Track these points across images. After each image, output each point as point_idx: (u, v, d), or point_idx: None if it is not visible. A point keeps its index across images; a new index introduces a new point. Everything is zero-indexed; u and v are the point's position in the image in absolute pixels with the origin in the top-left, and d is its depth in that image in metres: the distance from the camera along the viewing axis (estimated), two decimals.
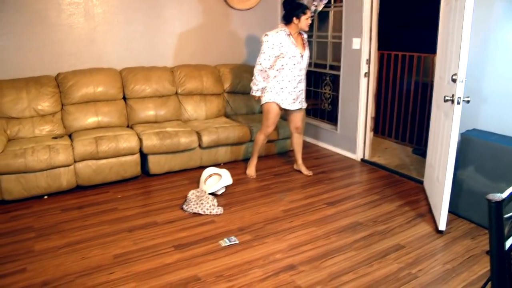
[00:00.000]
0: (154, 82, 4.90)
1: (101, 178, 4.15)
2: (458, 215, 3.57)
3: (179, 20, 5.28)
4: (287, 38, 4.00)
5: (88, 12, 4.72)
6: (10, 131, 4.19)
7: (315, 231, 3.34)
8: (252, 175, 4.46)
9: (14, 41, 4.42)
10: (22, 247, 3.09)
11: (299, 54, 4.06)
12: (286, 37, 4.00)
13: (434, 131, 3.83)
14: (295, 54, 4.03)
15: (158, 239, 3.20)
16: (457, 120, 3.08)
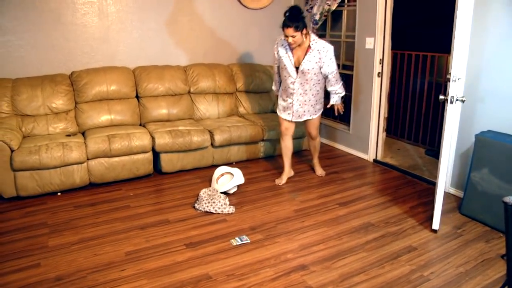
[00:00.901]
0: (167, 81, 4.93)
1: (114, 175, 4.18)
2: (471, 217, 3.53)
3: (192, 19, 5.29)
4: (283, 48, 3.92)
5: (102, 11, 4.76)
6: (25, 128, 4.24)
7: (326, 231, 3.33)
8: (280, 182, 4.29)
9: (30, 40, 4.47)
10: (37, 242, 3.13)
11: (292, 66, 3.89)
12: (283, 47, 3.92)
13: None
14: (286, 66, 3.92)
15: (170, 237, 3.21)
16: (450, 119, 3.06)
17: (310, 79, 3.92)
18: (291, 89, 3.99)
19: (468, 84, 3.71)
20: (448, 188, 4.06)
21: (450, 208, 3.74)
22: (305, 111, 4.09)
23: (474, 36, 3.60)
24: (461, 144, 3.85)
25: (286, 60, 3.91)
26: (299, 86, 3.96)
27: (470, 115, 3.73)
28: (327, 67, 3.89)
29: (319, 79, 3.97)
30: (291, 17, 3.69)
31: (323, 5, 5.16)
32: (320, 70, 3.91)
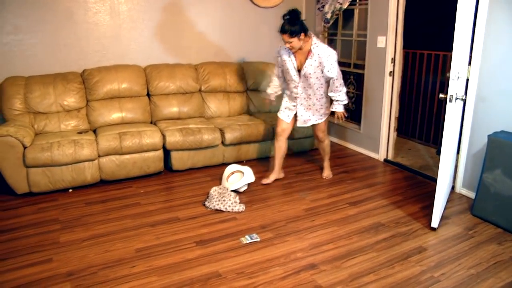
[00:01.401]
0: (178, 79, 4.94)
1: (125, 173, 4.20)
2: (483, 219, 3.50)
3: (203, 17, 5.31)
4: (286, 51, 3.85)
5: (113, 10, 4.79)
6: (37, 126, 4.29)
7: (336, 230, 3.32)
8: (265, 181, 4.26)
9: (43, 38, 4.52)
10: (48, 238, 3.16)
11: (294, 70, 3.86)
12: (285, 51, 3.85)
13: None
14: (289, 70, 3.87)
15: (180, 235, 3.23)
16: (450, 118, 3.06)
17: (313, 84, 3.85)
18: (294, 93, 3.97)
19: (481, 84, 3.68)
20: (459, 189, 4.03)
21: (461, 209, 3.71)
22: (310, 116, 4.05)
23: (488, 36, 3.57)
24: (473, 144, 3.82)
25: (289, 64, 3.86)
26: (303, 91, 3.92)
27: (483, 115, 3.70)
28: (328, 72, 3.76)
29: (322, 83, 3.88)
30: (287, 23, 3.61)
31: (335, 4, 5.14)
32: (322, 75, 3.81)
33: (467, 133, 3.85)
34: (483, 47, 3.61)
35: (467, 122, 3.83)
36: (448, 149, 3.17)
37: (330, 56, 3.73)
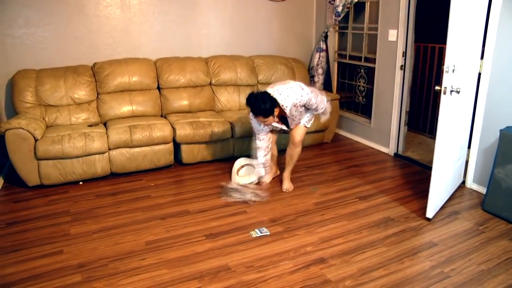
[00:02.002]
0: (189, 73, 4.94)
1: (135, 166, 4.23)
2: (494, 214, 3.46)
3: (214, 11, 5.29)
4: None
5: (124, 3, 4.79)
6: (48, 118, 4.32)
7: (346, 225, 3.31)
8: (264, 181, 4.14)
9: (54, 31, 4.54)
10: (59, 230, 3.20)
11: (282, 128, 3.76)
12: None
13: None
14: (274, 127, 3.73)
15: (190, 228, 3.24)
16: (445, 110, 3.11)
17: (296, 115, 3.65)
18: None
19: (494, 79, 3.63)
20: (470, 184, 3.99)
21: (472, 204, 3.68)
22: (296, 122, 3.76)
23: (501, 31, 3.51)
24: (485, 139, 3.78)
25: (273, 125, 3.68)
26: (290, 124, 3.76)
27: (495, 110, 3.65)
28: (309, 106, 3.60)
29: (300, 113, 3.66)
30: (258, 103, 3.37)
31: None
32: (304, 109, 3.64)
33: (479, 127, 3.81)
34: (496, 40, 3.56)
35: (478, 116, 3.79)
36: (444, 142, 3.21)
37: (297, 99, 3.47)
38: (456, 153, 3.69)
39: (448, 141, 3.32)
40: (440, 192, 3.45)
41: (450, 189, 3.78)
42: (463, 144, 3.86)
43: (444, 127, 3.18)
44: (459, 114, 3.49)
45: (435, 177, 3.29)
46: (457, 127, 3.52)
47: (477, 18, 3.42)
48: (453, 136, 3.46)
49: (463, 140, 3.83)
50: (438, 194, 3.41)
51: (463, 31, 3.14)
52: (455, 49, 3.04)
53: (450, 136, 3.34)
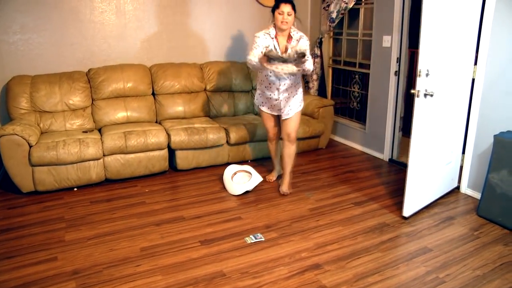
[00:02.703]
0: (183, 79, 4.95)
1: (130, 172, 4.22)
2: (489, 220, 3.48)
3: (209, 17, 5.31)
4: (271, 41, 3.67)
5: (119, 9, 4.80)
6: (43, 124, 4.31)
7: (341, 230, 3.31)
8: (270, 179, 4.29)
9: (50, 37, 4.55)
10: (54, 236, 3.18)
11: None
12: (270, 40, 3.67)
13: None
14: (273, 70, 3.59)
15: (185, 234, 3.23)
16: (418, 113, 3.23)
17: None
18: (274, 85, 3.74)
19: (488, 84, 3.66)
20: (465, 189, 4.01)
21: (467, 209, 3.69)
22: (291, 106, 3.80)
23: (494, 36, 3.54)
24: (479, 144, 3.80)
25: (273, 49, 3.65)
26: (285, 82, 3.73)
27: (489, 115, 3.68)
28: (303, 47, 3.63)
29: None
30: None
31: (340, 3, 5.13)
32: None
33: (473, 133, 3.83)
34: (490, 46, 3.59)
35: (472, 122, 3.81)
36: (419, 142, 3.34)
37: (304, 38, 3.68)
38: (443, 156, 3.75)
39: (424, 142, 3.40)
40: (418, 192, 3.54)
41: (437, 191, 3.83)
42: (454, 148, 3.89)
43: (418, 128, 3.30)
44: (441, 117, 3.56)
45: (410, 176, 3.40)
46: (439, 130, 3.59)
47: (464, 23, 3.50)
48: (433, 138, 3.54)
49: (453, 144, 3.87)
50: (414, 194, 3.49)
51: (439, 36, 3.24)
52: (428, 54, 3.17)
53: (427, 137, 3.42)
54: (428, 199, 3.74)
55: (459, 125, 3.87)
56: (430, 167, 3.61)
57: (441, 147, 3.70)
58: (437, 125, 3.54)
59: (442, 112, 3.55)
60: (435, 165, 3.69)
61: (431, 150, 3.56)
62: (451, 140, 3.82)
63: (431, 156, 3.58)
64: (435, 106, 3.41)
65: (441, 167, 3.79)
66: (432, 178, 3.68)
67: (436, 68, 3.29)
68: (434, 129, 3.50)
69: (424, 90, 3.21)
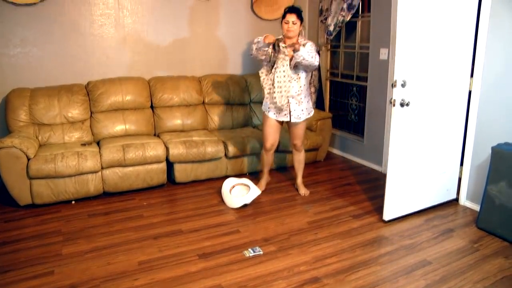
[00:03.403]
0: (182, 91, 4.97)
1: (128, 185, 4.20)
2: (489, 232, 3.46)
3: (207, 30, 5.34)
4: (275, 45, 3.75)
5: (118, 22, 4.83)
6: (41, 137, 4.30)
7: (340, 243, 3.30)
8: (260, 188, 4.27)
9: (50, 50, 4.57)
10: (51, 250, 3.16)
11: (281, 64, 3.74)
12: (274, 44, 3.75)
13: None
14: (276, 65, 3.77)
15: (183, 247, 3.22)
16: (395, 122, 3.41)
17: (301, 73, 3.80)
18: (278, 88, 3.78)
19: (484, 96, 3.68)
20: (464, 201, 4.00)
21: (466, 221, 3.68)
22: (302, 110, 3.89)
23: (490, 48, 3.57)
24: (477, 156, 3.80)
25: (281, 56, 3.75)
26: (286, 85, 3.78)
27: (487, 127, 3.69)
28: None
29: (307, 74, 3.86)
30: (295, 7, 3.78)
31: (337, 16, 5.17)
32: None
33: (471, 144, 3.84)
34: (485, 58, 3.62)
35: (470, 133, 3.82)
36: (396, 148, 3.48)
37: (310, 43, 3.74)
38: (432, 164, 3.82)
39: (404, 149, 3.53)
40: (400, 197, 3.64)
41: (427, 199, 3.90)
42: (448, 159, 3.92)
43: (396, 136, 3.46)
44: (424, 126, 3.64)
45: (389, 181, 3.54)
46: (423, 139, 3.66)
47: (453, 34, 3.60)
48: (416, 146, 3.62)
49: (447, 155, 3.90)
50: (395, 198, 3.61)
51: (416, 47, 3.40)
52: (403, 65, 3.32)
53: (406, 145, 3.53)
54: (416, 206, 3.82)
55: (452, 136, 3.89)
56: (414, 174, 3.70)
57: (429, 155, 3.75)
58: (419, 134, 3.62)
59: (425, 122, 3.63)
60: (422, 173, 3.75)
61: (414, 157, 3.64)
62: (442, 150, 3.85)
63: (414, 164, 3.67)
64: (413, 115, 3.50)
65: (432, 176, 3.83)
66: (418, 185, 3.76)
67: (414, 78, 3.41)
68: (415, 138, 3.59)
69: (400, 99, 3.36)
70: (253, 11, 5.56)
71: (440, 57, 3.56)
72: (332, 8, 5.23)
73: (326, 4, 5.39)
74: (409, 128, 3.51)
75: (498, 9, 3.48)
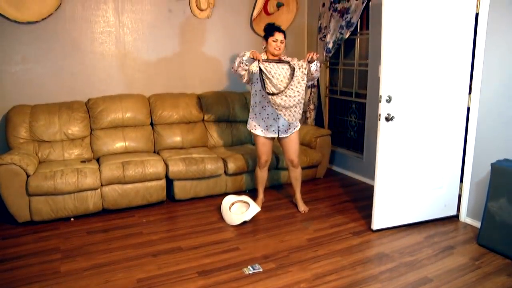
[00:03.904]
0: (182, 109, 4.99)
1: (127, 202, 4.19)
2: (490, 249, 3.44)
3: (207, 47, 5.39)
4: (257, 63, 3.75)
5: (119, 40, 4.88)
6: (41, 154, 4.31)
7: (340, 261, 3.28)
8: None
9: (51, 68, 4.61)
10: (49, 267, 3.14)
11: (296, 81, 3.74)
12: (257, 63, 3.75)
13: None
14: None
15: (182, 265, 3.19)
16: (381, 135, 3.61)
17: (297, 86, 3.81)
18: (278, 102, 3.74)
19: (483, 112, 3.70)
20: (464, 218, 3.99)
21: (467, 238, 3.66)
22: (291, 124, 3.98)
23: (488, 65, 3.60)
24: (477, 173, 3.81)
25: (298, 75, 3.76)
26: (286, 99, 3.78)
27: (486, 143, 3.70)
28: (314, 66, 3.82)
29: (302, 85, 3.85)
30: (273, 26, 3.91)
31: (336, 34, 5.23)
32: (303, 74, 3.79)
33: (470, 161, 3.85)
34: (483, 75, 3.65)
35: (469, 150, 3.83)
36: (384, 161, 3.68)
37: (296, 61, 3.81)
38: (425, 178, 3.88)
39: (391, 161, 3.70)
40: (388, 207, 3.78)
41: (421, 213, 3.95)
42: (444, 174, 3.95)
43: (382, 149, 3.65)
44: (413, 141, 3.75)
45: (378, 192, 3.71)
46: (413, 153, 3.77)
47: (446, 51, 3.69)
48: (404, 159, 3.74)
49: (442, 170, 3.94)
50: (383, 209, 3.76)
51: (403, 65, 3.57)
52: (389, 81, 3.54)
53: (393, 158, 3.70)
54: (408, 218, 3.90)
55: (450, 152, 3.92)
56: (404, 186, 3.81)
57: (420, 169, 3.84)
58: (407, 147, 3.74)
59: (413, 136, 3.74)
60: (413, 186, 3.85)
61: (402, 170, 3.77)
62: (436, 165, 3.90)
63: (403, 176, 3.78)
64: (399, 129, 3.66)
65: (425, 190, 3.91)
66: (408, 197, 3.85)
67: (400, 94, 3.59)
68: (402, 151, 3.72)
69: (386, 114, 3.55)
70: (253, 29, 5.62)
71: (431, 73, 3.67)
72: (331, 25, 5.30)
73: (325, 21, 5.45)
74: (395, 141, 3.66)
75: (494, 27, 3.52)
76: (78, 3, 4.61)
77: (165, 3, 5.05)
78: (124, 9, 4.85)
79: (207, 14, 5.28)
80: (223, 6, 5.39)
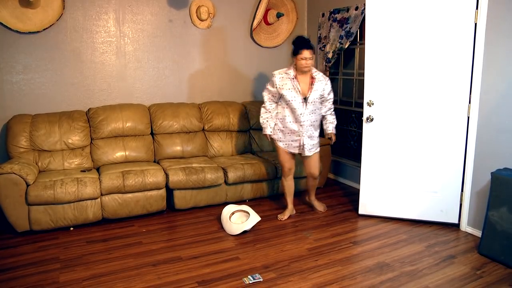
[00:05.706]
0: (182, 118, 4.99)
1: (127, 211, 4.18)
2: (491, 258, 3.43)
3: (207, 57, 5.42)
4: (289, 81, 3.91)
5: (119, 50, 4.90)
6: (41, 163, 4.31)
7: (340, 270, 3.26)
8: (282, 218, 4.28)
9: (51, 77, 4.62)
10: (48, 277, 3.12)
11: (300, 97, 3.92)
12: (288, 80, 3.91)
13: None
14: (294, 98, 3.91)
15: (182, 274, 3.18)
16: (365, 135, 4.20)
17: (316, 109, 4.04)
18: (299, 122, 3.98)
19: (482, 121, 3.71)
20: (465, 227, 3.98)
21: (468, 248, 3.65)
22: (313, 144, 4.13)
23: (487, 73, 3.62)
24: (477, 182, 3.80)
25: (293, 92, 3.91)
26: (308, 118, 4.00)
27: (486, 153, 3.70)
28: (328, 95, 4.08)
29: (319, 109, 4.10)
30: (309, 41, 3.90)
31: (336, 44, 5.26)
32: (320, 99, 4.04)
33: (470, 170, 3.85)
34: (482, 85, 3.67)
35: (469, 159, 3.84)
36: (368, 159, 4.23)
37: (328, 80, 4.08)
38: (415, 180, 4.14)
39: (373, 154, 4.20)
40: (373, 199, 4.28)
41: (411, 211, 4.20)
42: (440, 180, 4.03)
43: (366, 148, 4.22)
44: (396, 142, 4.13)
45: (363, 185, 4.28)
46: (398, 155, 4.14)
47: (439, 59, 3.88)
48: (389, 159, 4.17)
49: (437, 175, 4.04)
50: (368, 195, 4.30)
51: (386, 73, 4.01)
52: (371, 88, 4.06)
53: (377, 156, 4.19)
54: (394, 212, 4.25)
55: (445, 159, 3.98)
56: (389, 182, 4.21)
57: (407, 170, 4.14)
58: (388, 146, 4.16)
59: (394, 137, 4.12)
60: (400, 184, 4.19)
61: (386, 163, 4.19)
62: (429, 169, 4.06)
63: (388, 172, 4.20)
64: (379, 130, 4.14)
65: (416, 190, 4.15)
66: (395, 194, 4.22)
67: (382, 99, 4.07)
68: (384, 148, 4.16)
69: (367, 115, 4.09)
70: (253, 39, 5.65)
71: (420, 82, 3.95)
72: (331, 35, 5.33)
73: (325, 31, 5.48)
74: (376, 140, 4.17)
75: (493, 37, 3.55)
76: (80, 13, 4.65)
77: (166, 14, 5.09)
78: (125, 19, 4.88)
79: (207, 24, 5.31)
80: (223, 17, 5.43)
